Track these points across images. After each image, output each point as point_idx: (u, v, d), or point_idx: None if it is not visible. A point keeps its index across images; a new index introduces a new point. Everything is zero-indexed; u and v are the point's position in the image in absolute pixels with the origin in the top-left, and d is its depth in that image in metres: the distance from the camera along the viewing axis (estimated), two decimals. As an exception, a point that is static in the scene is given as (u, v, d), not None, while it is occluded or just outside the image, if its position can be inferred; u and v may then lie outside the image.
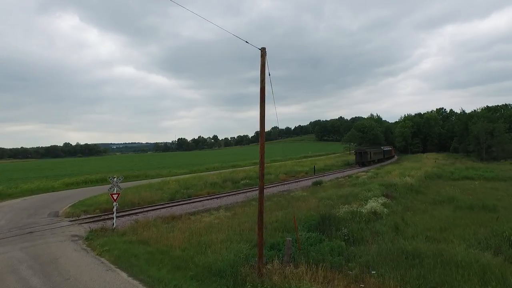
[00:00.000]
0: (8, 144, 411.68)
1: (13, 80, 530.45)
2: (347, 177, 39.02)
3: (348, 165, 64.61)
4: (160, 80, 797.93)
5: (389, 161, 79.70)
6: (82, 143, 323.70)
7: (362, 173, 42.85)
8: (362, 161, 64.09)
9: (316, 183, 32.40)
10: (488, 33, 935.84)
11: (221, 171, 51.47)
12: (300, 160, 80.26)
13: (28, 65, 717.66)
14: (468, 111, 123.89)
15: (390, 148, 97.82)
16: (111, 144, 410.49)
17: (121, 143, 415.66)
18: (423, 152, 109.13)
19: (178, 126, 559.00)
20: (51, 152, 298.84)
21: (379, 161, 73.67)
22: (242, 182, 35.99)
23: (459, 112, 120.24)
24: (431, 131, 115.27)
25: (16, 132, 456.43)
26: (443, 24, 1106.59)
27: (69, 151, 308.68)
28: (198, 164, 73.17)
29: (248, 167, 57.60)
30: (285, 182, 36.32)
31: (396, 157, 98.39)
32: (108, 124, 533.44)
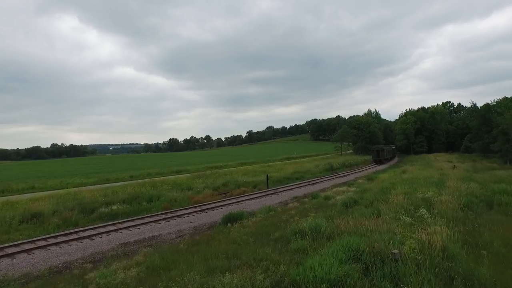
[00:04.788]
0: (10, 145, 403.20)
1: (13, 81, 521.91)
2: (309, 198, 21.77)
3: (332, 170, 47.30)
4: (159, 81, 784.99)
5: (388, 164, 62.43)
6: (84, 144, 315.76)
7: (342, 188, 25.61)
8: (379, 158, 62.77)
9: (226, 220, 15.14)
10: (488, 33, 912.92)
11: (144, 180, 34.20)
12: (275, 163, 62.98)
13: (28, 66, 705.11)
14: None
15: (394, 147, 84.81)
16: (108, 145, 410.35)
17: (119, 144, 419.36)
18: (428, 152, 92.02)
19: (177, 127, 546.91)
20: (33, 153, 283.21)
21: (390, 159, 73.07)
22: (104, 209, 18.86)
23: (469, 105, 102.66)
24: (437, 128, 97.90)
25: (17, 134, 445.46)
26: (443, 24, 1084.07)
27: (52, 152, 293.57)
28: (138, 169, 56.04)
29: (186, 174, 40.45)
30: (185, 211, 19.05)
31: (396, 158, 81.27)
32: (108, 125, 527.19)
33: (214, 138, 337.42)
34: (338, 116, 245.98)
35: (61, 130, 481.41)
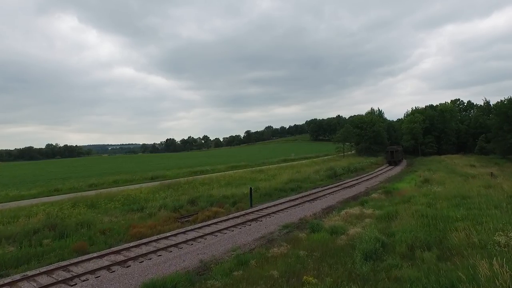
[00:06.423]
0: (10, 146, 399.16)
1: (13, 81, 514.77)
2: (307, 232, 14.08)
3: (335, 176, 39.62)
4: (159, 81, 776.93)
5: (400, 167, 54.84)
6: (80, 144, 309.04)
7: (353, 211, 17.92)
8: (393, 160, 59.40)
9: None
10: (488, 33, 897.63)
11: (98, 191, 26.39)
12: (270, 166, 55.31)
13: (28, 66, 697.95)
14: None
15: (401, 148, 75.79)
16: (107, 145, 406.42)
17: (117, 144, 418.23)
18: (438, 153, 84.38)
19: (177, 127, 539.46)
20: (26, 154, 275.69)
21: (401, 160, 68.06)
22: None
23: (482, 103, 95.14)
24: (447, 127, 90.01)
25: (17, 134, 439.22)
26: (443, 24, 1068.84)
27: (46, 152, 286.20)
28: (112, 174, 48.33)
29: (157, 183, 32.63)
30: (90, 265, 11.33)
31: (404, 160, 73.59)
32: (108, 125, 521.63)
33: (213, 138, 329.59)
34: (339, 115, 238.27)
35: (61, 131, 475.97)
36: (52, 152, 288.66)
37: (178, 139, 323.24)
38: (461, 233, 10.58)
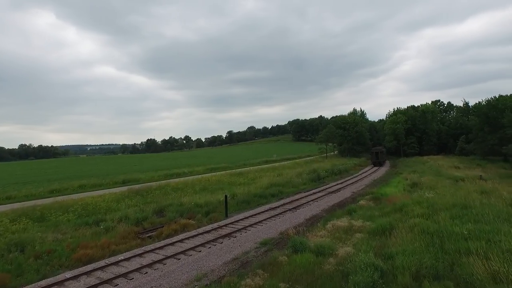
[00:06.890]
0: None
1: None
2: (289, 251, 11.81)
3: (318, 179, 37.72)
4: (141, 81, 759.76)
5: (385, 168, 53.80)
6: (59, 145, 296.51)
7: (340, 222, 15.84)
8: (379, 160, 60.03)
9: None
10: (464, 37, 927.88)
11: (57, 198, 23.32)
12: (251, 168, 53.01)
13: (3, 63, 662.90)
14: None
15: (385, 149, 75.17)
16: (86, 145, 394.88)
17: (97, 145, 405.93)
18: (420, 154, 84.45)
19: (160, 127, 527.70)
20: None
21: (385, 161, 67.98)
22: None
23: (461, 105, 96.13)
24: (428, 128, 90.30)
25: None
26: (423, 27, 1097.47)
27: (19, 153, 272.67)
28: (81, 177, 44.60)
29: (124, 188, 29.54)
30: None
31: (387, 161, 72.97)
32: (88, 125, 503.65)
33: (196, 138, 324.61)
34: (321, 116, 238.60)
35: (38, 130, 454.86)
36: (26, 153, 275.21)
37: (160, 139, 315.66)
38: (477, 258, 8.58)
